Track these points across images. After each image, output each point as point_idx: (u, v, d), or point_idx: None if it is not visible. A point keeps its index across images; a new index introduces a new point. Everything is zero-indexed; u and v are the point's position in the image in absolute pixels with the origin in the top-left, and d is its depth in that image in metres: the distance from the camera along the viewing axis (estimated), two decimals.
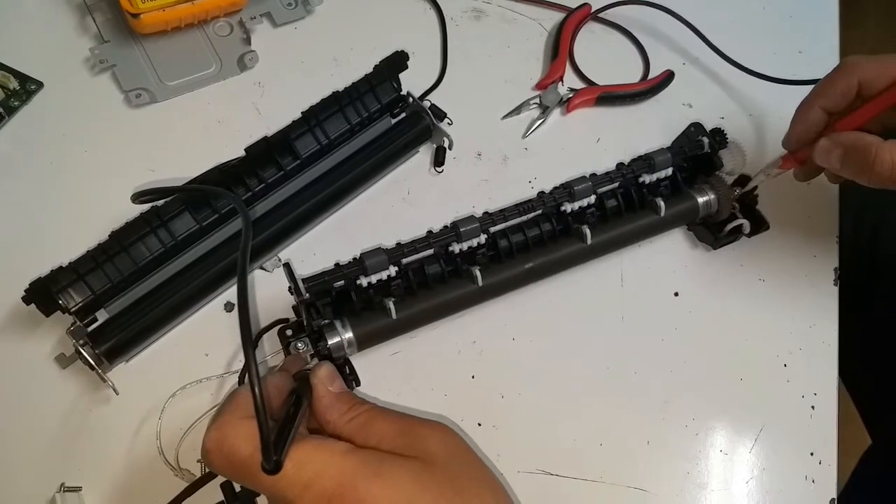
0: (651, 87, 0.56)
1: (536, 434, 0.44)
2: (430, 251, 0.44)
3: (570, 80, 0.57)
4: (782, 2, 0.64)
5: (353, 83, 0.49)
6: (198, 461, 0.40)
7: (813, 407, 0.47)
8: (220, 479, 0.36)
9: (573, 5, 0.60)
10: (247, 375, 0.32)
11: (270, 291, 0.46)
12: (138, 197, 0.42)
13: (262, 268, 0.47)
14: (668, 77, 0.57)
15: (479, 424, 0.44)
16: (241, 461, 0.30)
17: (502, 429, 0.44)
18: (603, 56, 0.59)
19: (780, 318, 0.49)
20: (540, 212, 0.46)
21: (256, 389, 0.27)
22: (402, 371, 0.45)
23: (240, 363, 0.44)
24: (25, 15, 0.54)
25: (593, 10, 0.60)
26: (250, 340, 0.28)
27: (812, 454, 0.45)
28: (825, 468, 0.45)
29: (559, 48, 0.57)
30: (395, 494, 0.31)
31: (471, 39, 0.58)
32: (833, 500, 0.44)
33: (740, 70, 0.56)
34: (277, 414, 0.33)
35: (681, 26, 0.58)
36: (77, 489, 0.40)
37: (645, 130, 0.56)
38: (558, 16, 0.60)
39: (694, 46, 0.58)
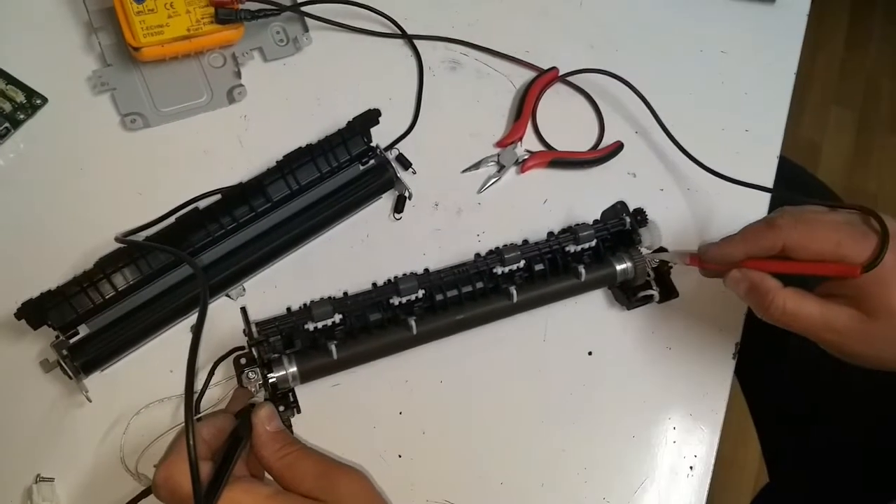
0: (600, 156, 0.62)
1: (448, 468, 0.52)
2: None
3: (530, 140, 0.63)
4: (739, 78, 0.68)
5: (326, 137, 0.55)
6: (154, 466, 0.47)
7: (691, 467, 0.54)
8: None
9: (544, 65, 0.65)
10: (186, 424, 0.38)
11: (234, 318, 0.53)
12: (120, 240, 0.48)
13: (227, 295, 0.54)
14: (617, 148, 0.62)
15: (400, 456, 0.52)
16: (183, 498, 0.38)
17: (419, 461, 0.52)
18: (563, 118, 0.64)
19: (677, 383, 0.56)
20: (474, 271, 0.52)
21: (193, 455, 0.34)
22: (339, 402, 0.52)
23: (198, 382, 0.50)
24: (34, 29, 0.58)
25: (560, 65, 0.64)
26: (192, 416, 0.35)
27: None
28: None
29: (523, 109, 0.63)
30: None
31: (445, 90, 0.63)
32: None
33: (681, 152, 0.61)
34: (218, 454, 0.40)
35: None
36: (50, 480, 0.47)
37: (589, 195, 0.61)
38: (529, 74, 0.65)
39: (646, 117, 0.63)
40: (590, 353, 0.56)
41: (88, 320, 0.49)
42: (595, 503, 0.52)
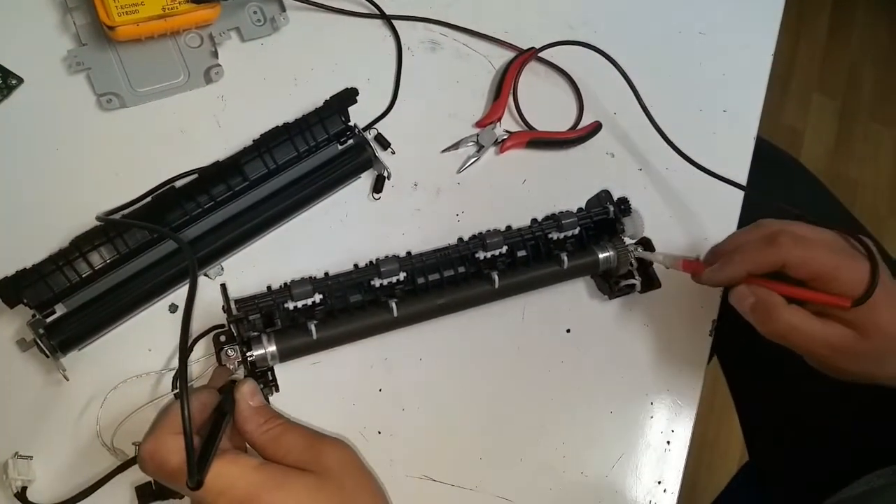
0: (578, 136, 0.62)
1: (427, 444, 0.52)
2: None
3: (508, 121, 0.63)
4: (718, 59, 0.69)
5: (303, 115, 0.55)
6: (133, 444, 0.48)
7: (668, 442, 0.55)
8: None
9: (523, 46, 0.65)
10: (181, 397, 0.38)
11: (212, 296, 0.53)
12: (101, 220, 0.48)
13: (205, 275, 0.53)
14: (595, 128, 0.63)
15: (379, 432, 0.52)
16: (170, 472, 0.38)
17: (398, 437, 0.52)
18: (542, 99, 0.64)
19: (655, 360, 0.57)
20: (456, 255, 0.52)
21: (188, 429, 0.34)
22: (319, 379, 0.52)
23: (176, 360, 0.50)
24: (8, 9, 0.58)
25: (539, 46, 0.64)
26: (185, 386, 0.35)
27: (659, 482, 0.54)
28: (668, 496, 0.54)
29: (502, 90, 0.63)
30: (292, 503, 0.38)
31: (424, 71, 0.63)
32: None
33: (659, 135, 0.61)
34: (203, 428, 0.40)
35: (619, 76, 0.63)
36: (28, 458, 0.47)
37: (568, 176, 0.62)
38: (508, 55, 0.65)
39: (625, 98, 0.63)
40: (568, 331, 0.57)
41: (65, 299, 0.49)
42: (573, 477, 0.53)
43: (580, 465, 0.53)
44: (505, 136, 0.61)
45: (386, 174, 0.58)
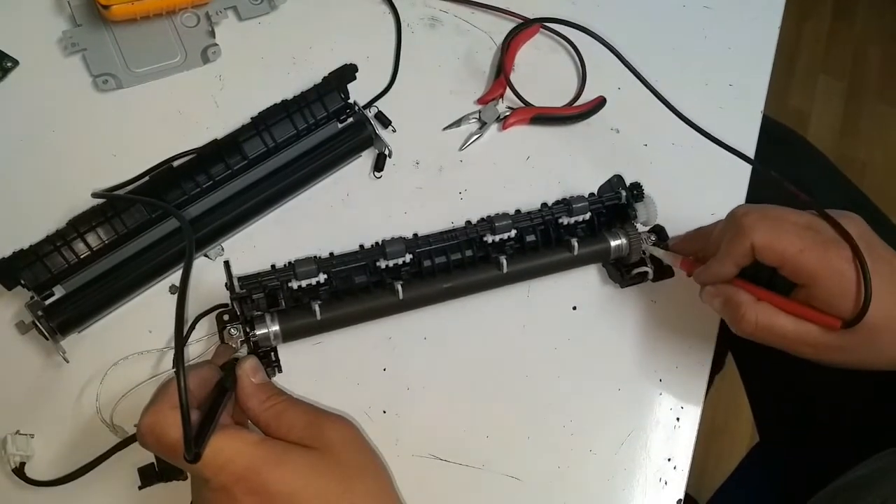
0: (582, 112, 0.61)
1: (433, 423, 0.51)
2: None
3: (511, 97, 0.62)
4: (723, 32, 0.68)
5: (301, 93, 0.54)
6: (134, 425, 0.47)
7: (678, 419, 0.54)
8: None
9: (527, 14, 0.63)
10: (176, 368, 0.37)
11: (213, 277, 0.52)
12: (97, 196, 0.48)
13: (205, 255, 0.53)
14: (599, 103, 0.62)
15: (384, 412, 0.51)
16: (170, 445, 0.37)
17: (404, 417, 0.51)
18: (545, 74, 0.63)
19: (663, 337, 0.56)
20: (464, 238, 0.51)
21: (184, 400, 0.34)
22: (322, 359, 0.51)
23: None
24: None
25: (539, 17, 0.63)
26: (182, 364, 0.34)
27: (669, 460, 0.53)
28: (678, 473, 0.53)
29: (503, 66, 0.62)
30: (293, 478, 0.38)
31: (424, 48, 0.62)
32: (680, 500, 0.52)
33: (666, 108, 0.60)
34: (203, 403, 0.40)
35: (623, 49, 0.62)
36: (27, 435, 0.46)
37: (572, 152, 0.61)
38: (509, 29, 0.64)
39: (628, 72, 0.62)
40: (574, 308, 0.56)
41: (64, 281, 0.48)
42: (581, 455, 0.52)
43: (588, 442, 0.52)
44: (507, 113, 0.60)
45: (387, 152, 0.57)
